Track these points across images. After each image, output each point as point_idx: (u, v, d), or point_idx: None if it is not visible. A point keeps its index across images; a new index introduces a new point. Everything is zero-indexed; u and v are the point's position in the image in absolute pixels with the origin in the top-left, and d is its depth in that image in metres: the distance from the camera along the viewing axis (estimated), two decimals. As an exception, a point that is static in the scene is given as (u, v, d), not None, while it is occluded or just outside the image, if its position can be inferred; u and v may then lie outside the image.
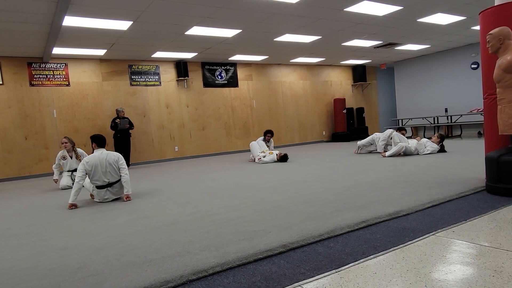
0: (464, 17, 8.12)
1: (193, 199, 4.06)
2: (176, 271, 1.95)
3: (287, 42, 9.04)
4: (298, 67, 12.55)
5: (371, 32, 8.81)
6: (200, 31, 7.43)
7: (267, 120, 11.81)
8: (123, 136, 8.70)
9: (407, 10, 7.28)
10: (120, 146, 8.55)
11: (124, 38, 7.48)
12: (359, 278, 1.72)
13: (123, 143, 8.65)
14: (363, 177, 4.55)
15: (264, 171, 6.03)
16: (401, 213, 2.74)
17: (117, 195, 4.44)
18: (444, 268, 1.75)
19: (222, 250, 2.23)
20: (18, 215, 4.02)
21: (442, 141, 6.70)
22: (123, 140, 8.70)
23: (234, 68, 11.23)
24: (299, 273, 1.84)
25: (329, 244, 2.23)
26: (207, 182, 5.34)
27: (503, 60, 3.08)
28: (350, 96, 13.87)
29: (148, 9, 5.94)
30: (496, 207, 2.73)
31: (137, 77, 9.72)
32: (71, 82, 8.84)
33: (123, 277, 1.94)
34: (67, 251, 2.50)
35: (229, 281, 1.82)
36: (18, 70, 8.26)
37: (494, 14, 3.44)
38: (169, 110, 10.16)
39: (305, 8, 6.59)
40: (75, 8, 5.58)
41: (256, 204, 3.50)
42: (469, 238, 2.13)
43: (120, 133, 8.64)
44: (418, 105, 13.15)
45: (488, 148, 3.59)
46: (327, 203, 3.28)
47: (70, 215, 3.77)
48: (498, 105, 3.21)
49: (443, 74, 12.37)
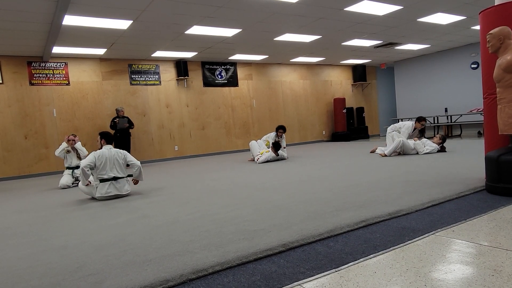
0: (464, 16, 8.12)
1: (193, 198, 4.06)
2: (176, 270, 1.95)
3: (287, 41, 9.04)
4: (298, 67, 12.55)
5: (371, 32, 8.80)
6: (200, 30, 7.43)
7: (267, 120, 11.81)
8: (122, 135, 8.71)
9: (407, 10, 7.27)
10: (120, 146, 8.54)
11: (124, 37, 7.48)
12: (359, 277, 1.72)
13: (123, 143, 8.65)
14: (363, 177, 4.55)
15: (264, 171, 6.03)
16: (401, 213, 2.74)
17: (119, 191, 4.49)
18: (444, 267, 1.75)
19: (222, 249, 2.23)
20: (18, 214, 4.02)
21: (444, 141, 6.70)
22: (123, 139, 8.70)
23: (234, 68, 11.22)
24: (299, 272, 1.84)
25: (329, 243, 2.23)
26: (207, 181, 5.34)
27: (503, 59, 3.08)
28: (350, 95, 13.87)
29: (148, 8, 5.94)
30: (495, 207, 2.74)
31: (137, 76, 9.72)
32: (71, 81, 8.84)
33: (123, 276, 1.94)
34: (67, 250, 2.50)
35: (229, 280, 1.82)
36: (18, 69, 8.26)
37: (494, 13, 3.44)
38: (169, 110, 10.16)
39: (305, 8, 6.59)
40: (75, 7, 5.58)
41: (256, 203, 3.50)
42: (469, 237, 2.13)
43: (119, 132, 8.64)
44: (418, 105, 13.15)
45: (488, 148, 3.59)
46: (327, 202, 3.28)
47: (70, 214, 3.77)
48: (498, 104, 3.21)
49: (443, 74, 12.37)
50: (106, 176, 4.45)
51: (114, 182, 4.47)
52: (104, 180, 4.44)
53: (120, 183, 4.52)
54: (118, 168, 4.54)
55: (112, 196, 4.46)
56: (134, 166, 4.64)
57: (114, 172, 4.49)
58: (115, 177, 4.48)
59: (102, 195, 4.42)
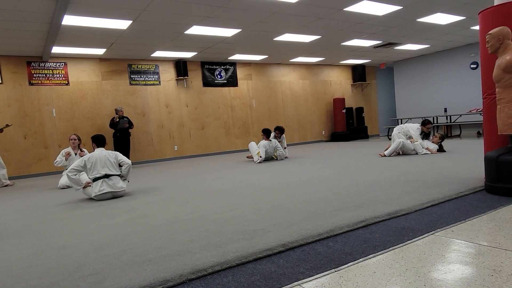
0: (464, 17, 8.13)
1: (193, 198, 4.06)
2: (175, 270, 1.95)
3: (287, 41, 9.04)
4: (297, 67, 12.55)
5: (371, 32, 8.81)
6: (200, 30, 7.43)
7: (266, 120, 11.81)
8: (122, 135, 8.71)
9: (407, 10, 7.28)
10: (120, 145, 8.56)
11: (123, 37, 7.48)
12: (358, 278, 1.72)
13: (122, 143, 8.66)
14: (363, 177, 4.55)
15: (264, 171, 6.03)
16: (401, 213, 2.74)
17: (113, 189, 4.49)
18: (443, 267, 1.75)
19: (222, 249, 2.23)
20: (18, 214, 4.02)
21: (442, 140, 6.70)
22: (122, 139, 8.70)
23: (233, 68, 11.22)
24: (299, 272, 1.84)
25: (328, 243, 2.23)
26: (207, 181, 5.34)
27: (503, 60, 3.08)
28: (350, 95, 13.88)
29: (148, 8, 5.93)
30: (495, 207, 2.74)
31: (137, 76, 9.71)
32: (71, 81, 8.83)
33: (123, 276, 1.94)
34: (67, 250, 2.50)
35: (228, 280, 1.82)
36: (18, 69, 8.26)
37: (493, 14, 3.44)
38: (168, 110, 10.15)
39: (304, 8, 6.59)
40: (75, 7, 5.58)
41: (256, 203, 3.50)
42: (468, 237, 2.13)
43: (119, 132, 8.64)
44: (417, 105, 13.16)
45: (488, 148, 3.59)
46: (326, 202, 3.28)
47: (69, 214, 3.76)
48: (498, 105, 3.21)
49: (443, 74, 12.37)
50: (98, 174, 4.49)
51: (107, 180, 4.49)
52: (97, 179, 4.48)
53: (113, 180, 4.53)
54: (110, 166, 4.58)
55: (107, 194, 4.46)
56: (124, 164, 4.71)
57: (106, 170, 4.52)
58: (106, 174, 4.50)
59: (97, 194, 4.42)
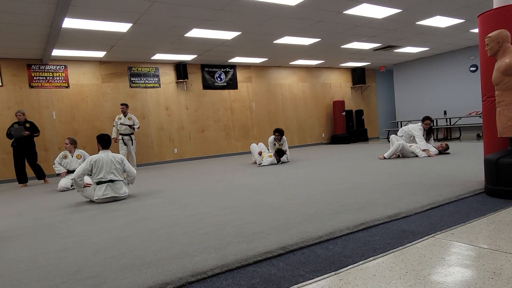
0: (463, 20, 8.15)
1: (192, 200, 4.05)
2: (175, 273, 1.95)
3: (287, 44, 9.06)
4: (297, 69, 12.57)
5: (370, 35, 8.83)
6: (200, 33, 7.45)
7: (266, 122, 11.82)
8: (21, 145, 7.32)
9: (406, 13, 7.30)
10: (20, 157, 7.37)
11: (123, 40, 7.49)
12: (358, 280, 1.72)
13: (23, 153, 7.38)
14: (362, 179, 4.55)
15: (263, 173, 6.03)
16: (400, 215, 2.74)
17: (116, 193, 4.49)
18: (443, 270, 1.75)
19: (221, 252, 2.22)
20: (17, 216, 4.01)
21: (445, 150, 6.69)
22: (22, 149, 7.36)
23: (233, 70, 11.24)
24: (298, 275, 1.84)
25: (328, 246, 2.23)
26: (206, 184, 5.33)
27: (502, 62, 3.09)
28: (349, 98, 13.89)
29: (148, 11, 5.95)
30: (495, 209, 2.74)
31: (137, 79, 9.73)
32: (71, 84, 8.84)
33: (122, 279, 1.94)
34: (66, 252, 2.49)
35: (228, 283, 1.82)
36: (18, 71, 8.27)
37: (492, 17, 3.45)
38: (168, 112, 10.16)
39: (304, 11, 6.60)
40: (75, 10, 5.59)
41: (255, 205, 3.50)
42: (468, 240, 2.13)
43: (17, 142, 7.28)
44: (417, 108, 13.17)
45: (487, 151, 3.60)
46: (326, 205, 3.28)
47: (69, 216, 3.76)
48: (497, 107, 3.21)
49: (442, 76, 12.39)
50: (103, 179, 4.47)
51: (111, 184, 4.48)
52: (101, 182, 4.46)
53: (117, 185, 4.52)
54: (115, 171, 4.55)
55: (109, 199, 4.46)
56: (130, 176, 4.73)
57: (111, 176, 4.50)
58: (111, 179, 4.49)
59: (100, 197, 4.41)
